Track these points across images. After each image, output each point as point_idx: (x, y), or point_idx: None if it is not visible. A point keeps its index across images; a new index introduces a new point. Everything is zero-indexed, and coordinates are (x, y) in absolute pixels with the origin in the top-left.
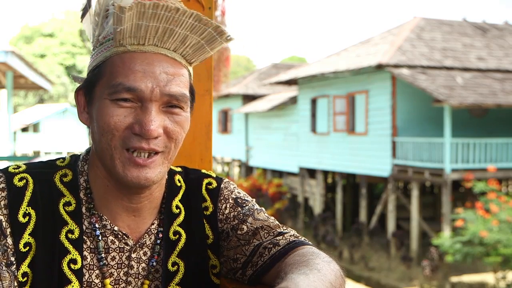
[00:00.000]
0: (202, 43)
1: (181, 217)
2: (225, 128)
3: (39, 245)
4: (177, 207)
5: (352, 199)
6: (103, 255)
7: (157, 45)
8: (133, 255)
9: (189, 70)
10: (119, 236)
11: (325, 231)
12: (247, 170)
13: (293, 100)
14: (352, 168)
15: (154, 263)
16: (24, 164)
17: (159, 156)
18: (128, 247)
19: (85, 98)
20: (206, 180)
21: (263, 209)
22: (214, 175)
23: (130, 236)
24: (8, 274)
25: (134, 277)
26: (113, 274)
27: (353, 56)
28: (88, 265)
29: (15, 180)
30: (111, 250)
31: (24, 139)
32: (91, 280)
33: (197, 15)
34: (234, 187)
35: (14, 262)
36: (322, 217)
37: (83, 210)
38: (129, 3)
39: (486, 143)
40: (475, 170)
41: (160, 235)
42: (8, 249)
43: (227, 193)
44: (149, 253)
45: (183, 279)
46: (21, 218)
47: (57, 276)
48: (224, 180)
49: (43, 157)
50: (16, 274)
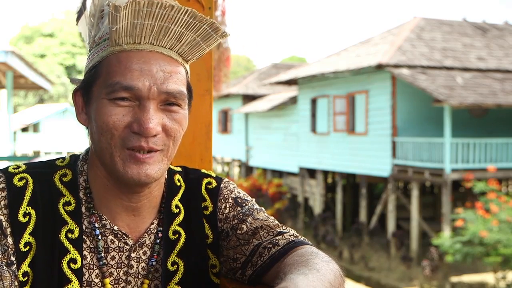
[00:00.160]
0: (198, 40)
1: (180, 217)
2: (225, 128)
3: (39, 245)
4: (176, 206)
5: (352, 199)
6: (102, 255)
7: (153, 44)
8: (133, 255)
9: (186, 67)
10: (119, 235)
11: (325, 231)
12: (247, 170)
13: (293, 100)
14: (352, 168)
15: (154, 263)
16: (24, 164)
17: (158, 154)
18: (128, 247)
19: (83, 99)
20: (205, 180)
21: (262, 208)
22: (214, 174)
23: (129, 236)
24: (8, 273)
25: (133, 276)
26: (113, 274)
27: (353, 56)
28: (88, 265)
29: (15, 180)
30: (111, 250)
31: (24, 139)
32: (91, 279)
33: (192, 12)
34: (234, 187)
35: (14, 262)
36: (322, 217)
37: (83, 209)
38: (124, 2)
39: (486, 143)
40: (475, 170)
41: (160, 234)
42: (9, 249)
43: (226, 192)
44: (148, 253)
45: (182, 278)
46: (21, 218)
47: (57, 276)
48: (224, 180)
49: (43, 157)
50: (16, 273)
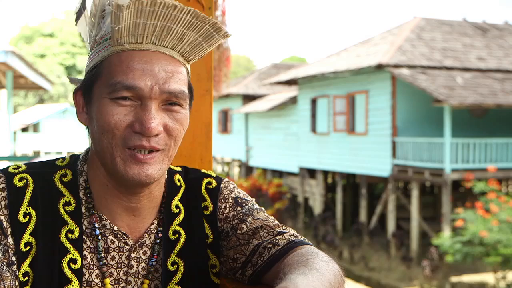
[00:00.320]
0: (200, 40)
1: (180, 217)
2: (225, 128)
3: (40, 245)
4: (176, 206)
5: (352, 199)
6: (102, 255)
7: (155, 43)
8: (133, 255)
9: (187, 67)
10: (119, 235)
11: (325, 231)
12: (247, 170)
13: (293, 100)
14: (352, 168)
15: (154, 263)
16: (24, 164)
17: (159, 153)
18: (128, 247)
19: (83, 98)
20: (206, 180)
21: (262, 208)
22: (214, 174)
23: (129, 236)
24: (9, 273)
25: (133, 276)
26: (113, 274)
27: (353, 56)
28: (88, 265)
29: (15, 180)
30: (111, 250)
31: (24, 139)
32: (91, 279)
33: (194, 12)
34: (234, 187)
35: (15, 262)
36: (322, 217)
37: (83, 210)
38: (127, 1)
39: (486, 143)
40: (475, 170)
41: (160, 234)
42: (9, 249)
43: (226, 192)
44: (148, 253)
45: (182, 278)
46: (21, 218)
47: (57, 276)
48: (224, 180)
49: (43, 157)
50: (17, 273)
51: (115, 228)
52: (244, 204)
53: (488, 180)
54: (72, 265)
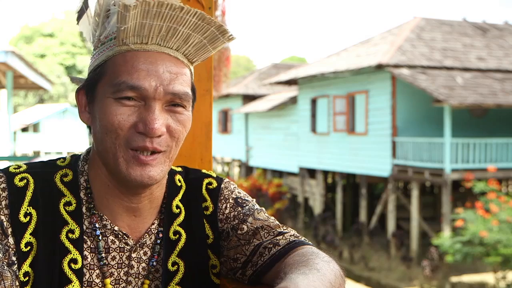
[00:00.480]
0: (205, 42)
1: (181, 217)
2: (225, 128)
3: (40, 245)
4: (177, 207)
5: (352, 199)
6: (103, 255)
7: (160, 44)
8: (133, 255)
9: (191, 69)
10: (119, 236)
11: (325, 231)
12: (247, 170)
13: (293, 100)
14: (352, 168)
15: (154, 263)
16: (24, 164)
17: (162, 155)
18: (128, 247)
19: (86, 97)
20: (206, 180)
21: (263, 209)
22: (214, 175)
23: (130, 236)
24: (10, 273)
25: (134, 276)
26: (114, 274)
27: (353, 56)
28: (88, 265)
29: (16, 180)
30: (112, 250)
31: (24, 139)
32: (91, 279)
33: (201, 14)
34: (235, 187)
35: (15, 262)
36: (322, 217)
37: (84, 210)
38: (133, 2)
39: (486, 143)
40: (475, 170)
41: (160, 235)
42: (10, 249)
43: (227, 193)
44: (149, 253)
45: (183, 279)
46: (22, 218)
47: (58, 276)
48: (225, 180)
49: (43, 157)
50: (17, 273)
51: (116, 228)
52: (244, 205)
53: (488, 180)
54: (72, 265)
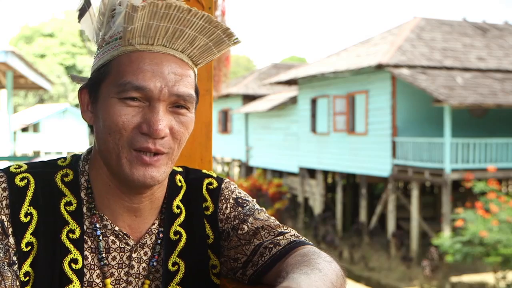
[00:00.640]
0: (210, 45)
1: (181, 217)
2: (225, 128)
3: (41, 245)
4: (177, 207)
5: (352, 199)
6: (104, 255)
7: (165, 46)
8: (134, 255)
9: (195, 71)
10: (120, 236)
11: (325, 231)
12: (247, 170)
13: (293, 100)
14: (352, 168)
15: (155, 263)
16: (25, 163)
17: (164, 156)
18: (129, 247)
19: (89, 96)
20: (207, 180)
21: (263, 209)
22: (215, 175)
23: (130, 236)
24: (10, 273)
25: (134, 277)
26: (114, 274)
27: (353, 56)
28: (89, 265)
29: (17, 180)
30: (112, 250)
31: (24, 139)
32: (92, 279)
33: (208, 16)
34: (235, 187)
35: (16, 262)
36: (322, 217)
37: (84, 210)
38: (140, 2)
39: (486, 143)
40: (475, 170)
41: (161, 235)
42: (10, 249)
43: (227, 193)
44: (149, 253)
45: (183, 279)
46: (22, 217)
47: (58, 276)
48: (225, 180)
49: (43, 157)
50: (18, 273)
51: (116, 228)
52: (245, 205)
53: (488, 180)
54: (73, 265)
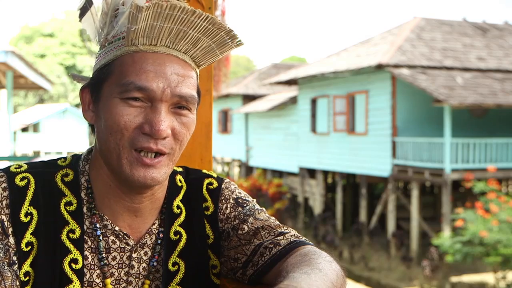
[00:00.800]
0: (213, 46)
1: (182, 217)
2: (225, 128)
3: (41, 245)
4: (178, 207)
5: (352, 199)
6: (104, 255)
7: (168, 46)
8: (134, 255)
9: (197, 72)
10: (120, 236)
11: (325, 231)
12: (247, 170)
13: (293, 100)
14: (352, 168)
15: (155, 263)
16: (25, 163)
17: (165, 157)
18: (129, 247)
19: (91, 96)
20: (207, 180)
21: (263, 209)
22: (215, 175)
23: (131, 236)
24: (10, 273)
25: (134, 277)
26: (114, 274)
27: (353, 56)
28: (89, 265)
29: (17, 180)
30: (112, 250)
31: (24, 139)
32: (92, 279)
33: (212, 18)
34: (235, 187)
35: (16, 262)
36: (322, 217)
37: (84, 210)
38: (144, 2)
39: (486, 143)
40: (475, 170)
41: (161, 235)
42: (10, 249)
43: (228, 193)
44: (149, 253)
45: (183, 279)
46: (23, 217)
47: (59, 276)
48: (225, 180)
49: (43, 157)
50: (18, 273)
51: (116, 228)
52: (245, 205)
53: (488, 180)
54: (73, 265)
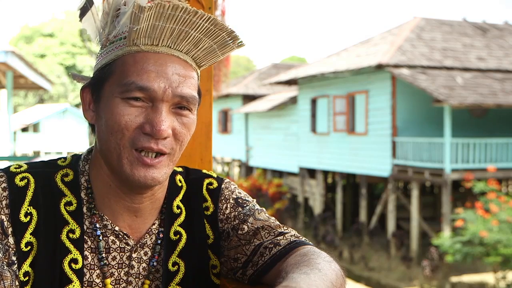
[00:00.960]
0: (214, 47)
1: (182, 217)
2: (225, 128)
3: (41, 245)
4: (178, 207)
5: (352, 199)
6: (103, 255)
7: (170, 47)
8: (134, 255)
9: (198, 73)
10: (120, 236)
11: (325, 231)
12: (247, 170)
13: (293, 100)
14: (352, 168)
15: (155, 263)
16: (25, 163)
17: (166, 158)
18: (129, 247)
19: (91, 95)
20: (207, 180)
21: (263, 209)
22: (215, 175)
23: (131, 236)
24: (9, 273)
25: (134, 277)
26: (114, 274)
27: (353, 56)
28: (89, 265)
29: (17, 180)
30: (112, 250)
31: (24, 139)
32: (91, 279)
33: (214, 19)
34: (235, 187)
35: (15, 262)
36: (322, 217)
37: (84, 210)
38: (146, 2)
39: (486, 143)
40: (475, 170)
41: (161, 235)
42: (10, 249)
43: (227, 193)
44: (149, 253)
45: (183, 279)
46: (22, 217)
47: (58, 276)
48: (225, 181)
49: (43, 157)
50: (17, 273)
51: (116, 228)
52: (245, 205)
53: (488, 180)
54: (73, 265)
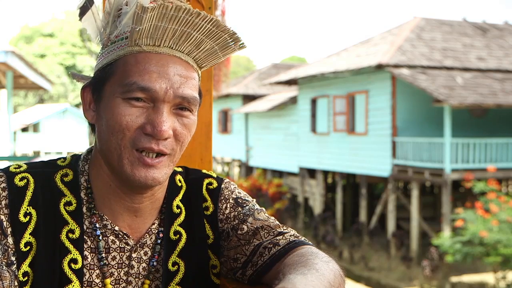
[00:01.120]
0: (216, 48)
1: (181, 217)
2: (225, 128)
3: (40, 245)
4: (177, 207)
5: (352, 199)
6: (103, 255)
7: (172, 48)
8: (134, 255)
9: (199, 74)
10: (120, 236)
11: (325, 231)
12: (247, 170)
13: (293, 100)
14: (352, 168)
15: (155, 263)
16: (25, 163)
17: (166, 158)
18: (129, 247)
19: (92, 95)
20: (206, 180)
21: (263, 209)
22: (214, 175)
23: (130, 236)
24: (8, 273)
25: (134, 276)
26: (114, 274)
27: (353, 56)
28: (88, 265)
29: (16, 180)
30: (112, 250)
31: (24, 139)
32: (91, 279)
33: (216, 20)
34: (235, 187)
35: (14, 262)
36: (322, 217)
37: (84, 210)
38: (148, 3)
39: (486, 143)
40: (475, 170)
41: (161, 235)
42: (9, 249)
43: (227, 193)
44: (149, 253)
45: (183, 279)
46: (22, 217)
47: (58, 276)
48: (225, 180)
49: (43, 157)
50: (16, 273)
51: (116, 228)
52: (244, 205)
53: (488, 180)
54: (72, 265)
